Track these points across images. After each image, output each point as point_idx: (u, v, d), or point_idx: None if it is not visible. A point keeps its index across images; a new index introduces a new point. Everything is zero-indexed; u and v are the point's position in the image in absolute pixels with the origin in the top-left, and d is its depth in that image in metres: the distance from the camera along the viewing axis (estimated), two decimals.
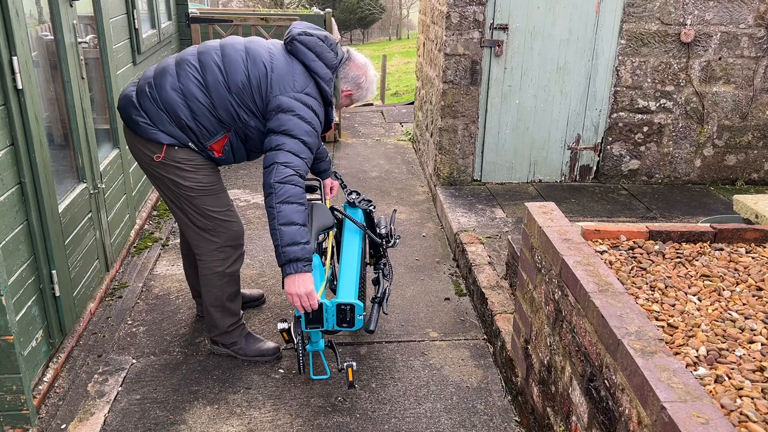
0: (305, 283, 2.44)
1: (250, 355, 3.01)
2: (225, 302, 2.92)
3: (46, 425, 2.60)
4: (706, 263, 2.31)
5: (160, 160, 2.65)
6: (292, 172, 2.47)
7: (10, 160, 2.53)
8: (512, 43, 4.69)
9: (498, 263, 3.68)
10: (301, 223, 2.46)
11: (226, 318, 2.96)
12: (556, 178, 5.10)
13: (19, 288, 2.57)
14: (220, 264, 2.85)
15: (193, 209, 2.75)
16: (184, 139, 2.64)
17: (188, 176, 2.69)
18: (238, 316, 3.00)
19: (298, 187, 2.48)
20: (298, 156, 2.50)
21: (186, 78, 2.60)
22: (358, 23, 36.14)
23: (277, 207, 2.44)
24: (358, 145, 6.63)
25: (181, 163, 2.67)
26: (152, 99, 2.62)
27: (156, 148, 2.64)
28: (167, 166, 2.67)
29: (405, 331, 3.31)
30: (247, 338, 3.05)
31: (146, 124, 2.62)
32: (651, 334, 1.67)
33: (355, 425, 2.63)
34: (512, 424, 2.67)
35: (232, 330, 3.00)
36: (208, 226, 2.79)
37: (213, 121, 2.63)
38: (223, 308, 2.93)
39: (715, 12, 4.65)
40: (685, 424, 1.34)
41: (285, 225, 2.44)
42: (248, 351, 3.02)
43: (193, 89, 2.58)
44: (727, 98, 4.88)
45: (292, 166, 2.47)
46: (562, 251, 2.13)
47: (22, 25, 2.55)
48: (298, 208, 2.46)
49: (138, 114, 2.63)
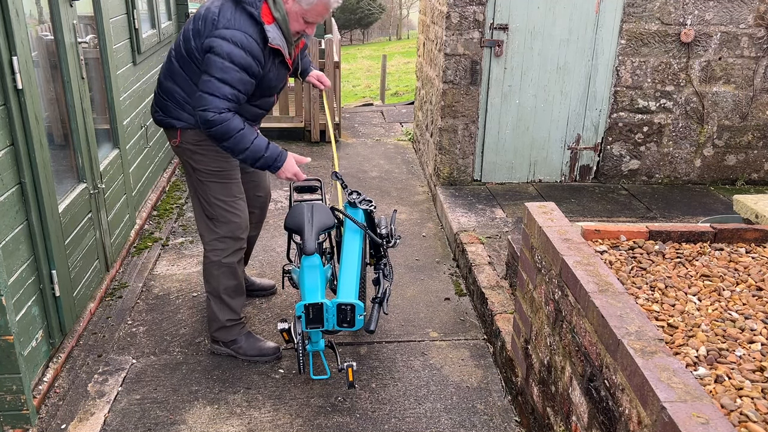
0: (291, 167, 2.77)
1: (250, 354, 3.02)
2: (222, 294, 2.97)
3: (46, 425, 2.60)
4: (706, 263, 2.31)
5: (177, 145, 2.85)
6: (213, 114, 2.56)
7: (10, 160, 2.53)
8: (512, 43, 4.69)
9: (498, 263, 3.68)
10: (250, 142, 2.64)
11: (224, 311, 2.99)
12: (556, 178, 5.10)
13: (19, 288, 2.57)
14: (219, 254, 2.93)
15: (202, 195, 2.89)
16: (189, 119, 2.78)
17: (199, 159, 2.84)
18: (236, 313, 3.02)
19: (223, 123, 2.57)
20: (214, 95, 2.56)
21: (168, 62, 2.82)
22: (358, 23, 36.15)
23: (224, 147, 2.66)
24: (358, 145, 6.63)
25: (193, 145, 2.82)
26: (158, 94, 2.87)
27: (173, 134, 2.85)
28: (184, 150, 2.85)
29: (405, 331, 3.31)
30: (247, 337, 3.05)
31: (161, 117, 2.85)
32: (651, 334, 1.67)
33: (355, 425, 2.63)
34: (512, 424, 2.67)
35: (231, 326, 3.01)
36: (212, 215, 2.90)
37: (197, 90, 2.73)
38: (221, 300, 2.98)
39: (715, 12, 4.65)
40: (685, 424, 1.34)
41: (242, 152, 2.65)
42: (248, 350, 3.02)
43: (173, 68, 2.78)
44: (727, 98, 4.88)
45: (211, 107, 2.56)
46: (562, 251, 2.13)
47: (22, 25, 2.55)
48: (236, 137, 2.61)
49: (156, 111, 2.88)
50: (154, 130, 4.95)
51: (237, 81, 2.57)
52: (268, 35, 2.61)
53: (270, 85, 2.78)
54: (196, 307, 3.49)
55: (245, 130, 2.62)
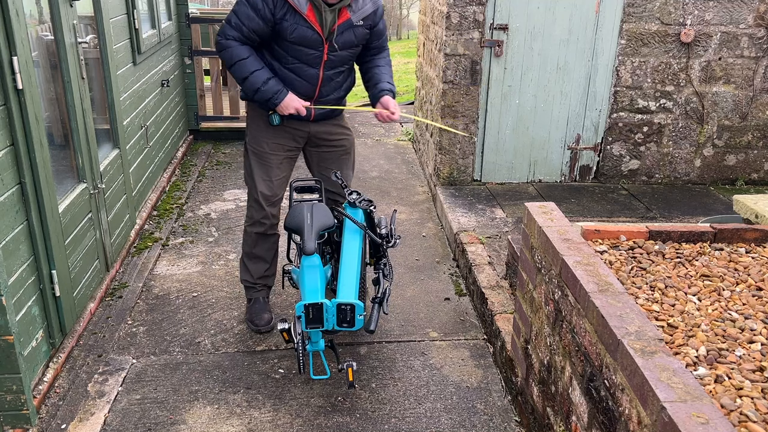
0: (290, 102, 2.91)
1: (246, 317, 3.32)
2: (243, 257, 3.28)
3: (46, 425, 2.60)
4: (706, 263, 2.31)
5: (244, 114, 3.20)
6: (220, 38, 2.88)
7: (10, 160, 2.53)
8: (512, 43, 4.69)
9: (498, 263, 3.68)
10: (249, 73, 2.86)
11: (243, 272, 3.31)
12: (556, 178, 5.11)
13: (19, 288, 2.57)
14: (246, 220, 3.22)
15: (246, 163, 3.17)
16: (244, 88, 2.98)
17: (247, 131, 3.16)
18: (251, 279, 3.28)
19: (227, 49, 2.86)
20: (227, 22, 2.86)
21: None
22: None
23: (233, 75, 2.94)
24: (358, 145, 6.63)
25: (248, 116, 3.15)
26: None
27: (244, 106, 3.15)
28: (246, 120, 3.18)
29: (405, 331, 3.31)
30: (254, 303, 3.30)
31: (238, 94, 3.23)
32: (651, 334, 1.67)
33: (355, 425, 2.64)
34: (512, 424, 2.67)
35: (246, 287, 3.33)
36: (248, 183, 3.19)
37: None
38: (241, 260, 3.31)
39: (715, 12, 4.65)
40: (685, 424, 1.34)
41: (243, 81, 2.88)
42: (246, 313, 3.34)
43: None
44: (727, 98, 4.88)
45: (221, 32, 2.88)
46: (562, 251, 2.13)
47: (22, 25, 2.55)
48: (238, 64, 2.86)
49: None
50: (154, 130, 4.95)
51: (243, 15, 2.80)
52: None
53: (286, 38, 2.83)
54: (196, 307, 3.49)
55: (247, 60, 2.85)
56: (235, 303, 3.52)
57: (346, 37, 2.92)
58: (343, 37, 2.90)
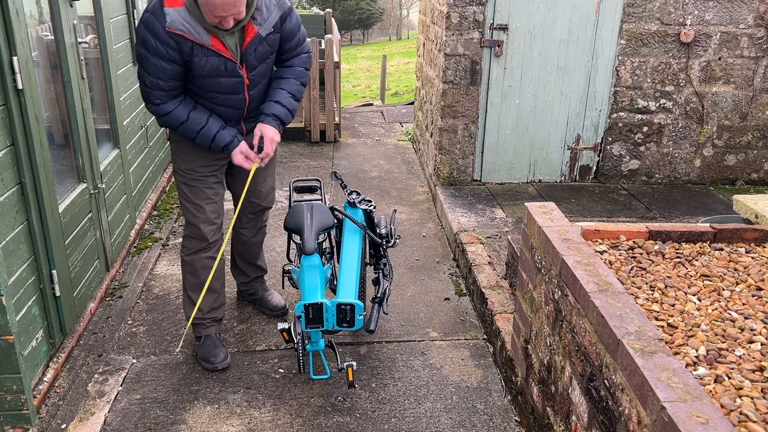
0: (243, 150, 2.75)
1: (198, 356, 3.01)
2: (186, 289, 3.01)
3: (46, 425, 2.60)
4: (706, 263, 2.31)
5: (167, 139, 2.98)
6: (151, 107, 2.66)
7: (10, 160, 2.53)
8: (512, 43, 4.69)
9: (498, 263, 3.69)
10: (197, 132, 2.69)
11: (187, 306, 3.02)
12: (556, 178, 5.11)
13: (19, 288, 2.57)
14: (184, 250, 2.98)
15: (180, 190, 2.93)
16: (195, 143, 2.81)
17: (174, 158, 2.92)
18: (201, 314, 2.99)
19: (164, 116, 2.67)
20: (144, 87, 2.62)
21: None
22: (358, 24, 36.17)
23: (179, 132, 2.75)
24: (358, 145, 6.63)
25: (171, 140, 2.91)
26: None
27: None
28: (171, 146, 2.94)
29: (405, 331, 3.32)
30: (205, 340, 3.01)
31: None
32: (651, 334, 1.67)
33: (355, 425, 2.64)
34: (512, 423, 2.67)
35: (196, 323, 3.02)
36: (184, 209, 2.94)
37: None
38: (186, 295, 3.02)
39: (714, 12, 4.65)
40: (684, 424, 1.35)
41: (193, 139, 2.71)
42: (198, 352, 3.02)
43: None
44: (727, 98, 4.88)
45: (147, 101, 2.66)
46: (562, 251, 2.14)
47: (22, 25, 2.55)
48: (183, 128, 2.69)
49: None
50: (154, 130, 4.95)
51: (153, 67, 2.52)
52: (166, 18, 2.44)
53: (202, 74, 2.58)
54: None
55: (188, 122, 2.66)
56: (234, 303, 3.52)
57: (260, 51, 2.67)
58: (257, 53, 2.66)
